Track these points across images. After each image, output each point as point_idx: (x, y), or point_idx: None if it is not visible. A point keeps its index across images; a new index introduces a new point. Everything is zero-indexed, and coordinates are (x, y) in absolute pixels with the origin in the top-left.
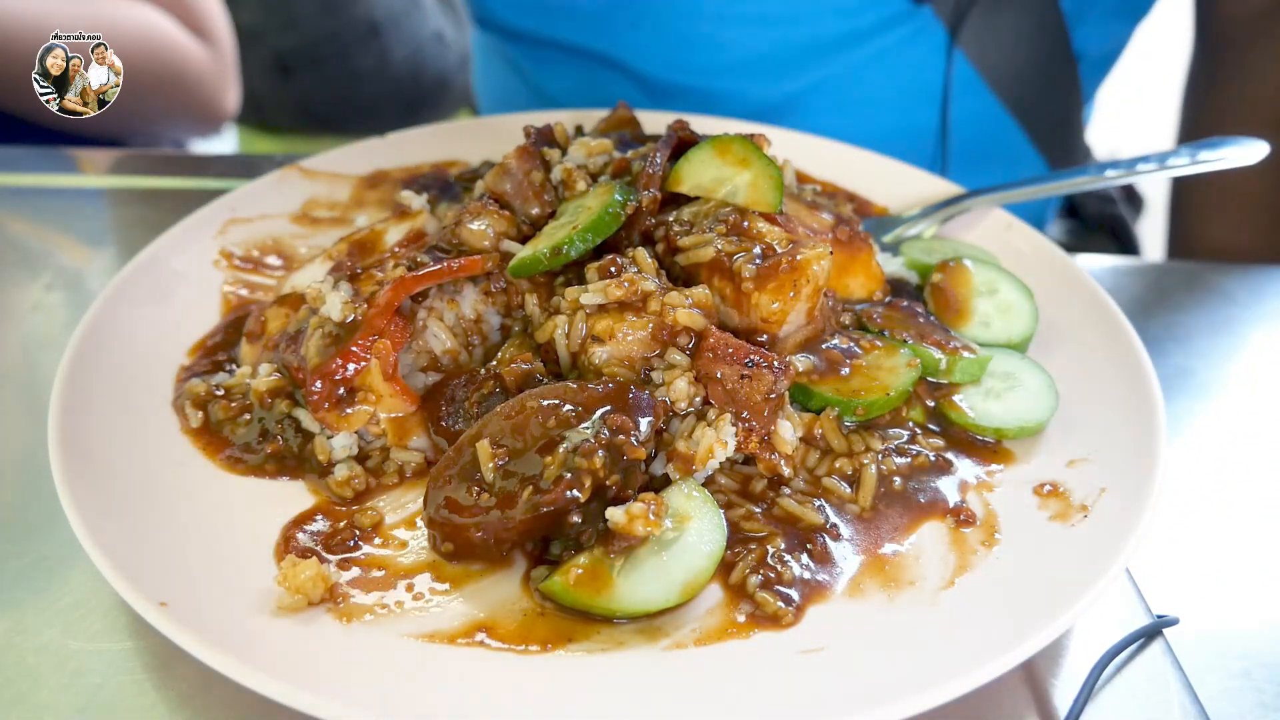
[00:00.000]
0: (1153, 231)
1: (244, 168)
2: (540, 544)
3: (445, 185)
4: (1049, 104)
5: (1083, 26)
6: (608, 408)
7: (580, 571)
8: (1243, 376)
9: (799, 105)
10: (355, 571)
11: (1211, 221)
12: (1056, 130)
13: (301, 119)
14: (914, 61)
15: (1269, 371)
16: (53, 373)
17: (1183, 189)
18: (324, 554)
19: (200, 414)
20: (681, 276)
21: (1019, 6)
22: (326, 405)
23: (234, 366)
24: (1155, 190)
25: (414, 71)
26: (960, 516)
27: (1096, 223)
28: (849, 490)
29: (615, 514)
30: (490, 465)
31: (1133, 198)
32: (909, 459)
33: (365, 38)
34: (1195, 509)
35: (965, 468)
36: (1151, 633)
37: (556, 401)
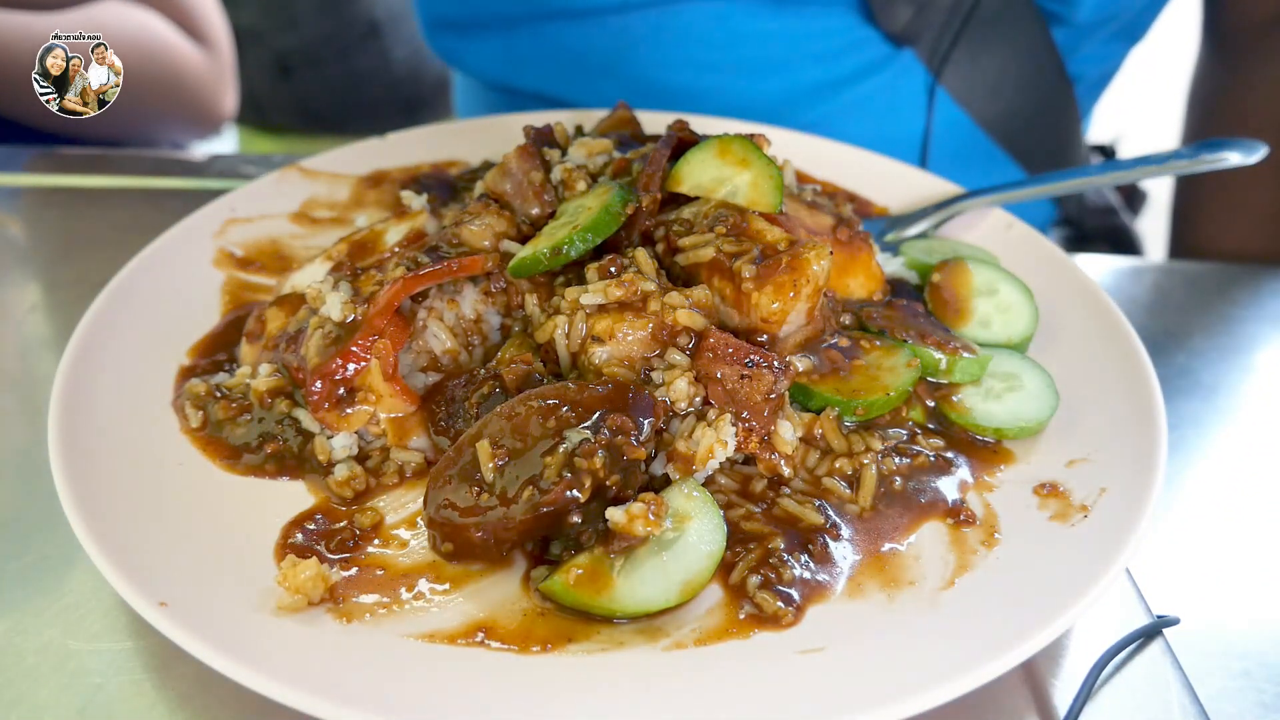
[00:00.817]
0: (1154, 231)
1: (244, 167)
2: (540, 544)
3: (445, 185)
4: (1041, 130)
5: (1079, 53)
6: (607, 408)
7: (580, 571)
8: (1243, 376)
9: None
10: (355, 571)
11: (1220, 230)
12: (1050, 154)
13: (301, 119)
14: (896, 104)
15: (1269, 371)
16: (52, 373)
17: (1189, 199)
18: (324, 554)
19: (200, 414)
20: (681, 276)
21: (1007, 43)
22: (326, 405)
23: (234, 366)
24: (1157, 189)
25: (414, 71)
26: (960, 516)
27: (1096, 234)
28: (849, 490)
29: (615, 514)
30: (490, 465)
31: (1134, 195)
32: (909, 459)
33: (365, 38)
34: (1195, 509)
35: (965, 468)
36: (1151, 633)
37: (556, 401)
